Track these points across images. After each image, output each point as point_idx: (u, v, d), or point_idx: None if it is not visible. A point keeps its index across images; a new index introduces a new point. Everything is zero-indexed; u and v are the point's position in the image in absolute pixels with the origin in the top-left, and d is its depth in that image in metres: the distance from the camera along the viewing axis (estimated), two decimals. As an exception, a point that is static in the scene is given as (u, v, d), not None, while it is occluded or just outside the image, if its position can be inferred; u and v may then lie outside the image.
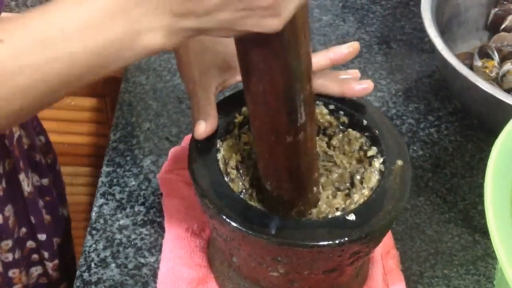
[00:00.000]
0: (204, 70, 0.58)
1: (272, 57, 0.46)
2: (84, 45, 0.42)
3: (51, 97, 0.44)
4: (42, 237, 0.81)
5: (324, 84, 0.59)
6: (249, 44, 0.46)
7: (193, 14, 0.41)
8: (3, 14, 0.60)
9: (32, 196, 0.77)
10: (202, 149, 0.55)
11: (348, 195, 0.59)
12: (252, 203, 0.57)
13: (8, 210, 0.74)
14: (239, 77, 0.59)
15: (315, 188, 0.57)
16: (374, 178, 0.56)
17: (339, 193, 0.60)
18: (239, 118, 0.59)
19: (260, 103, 0.50)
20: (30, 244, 0.81)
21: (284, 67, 0.47)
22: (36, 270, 0.84)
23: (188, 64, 0.58)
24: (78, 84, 0.44)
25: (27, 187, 0.76)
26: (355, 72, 0.61)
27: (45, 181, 0.82)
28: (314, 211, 0.58)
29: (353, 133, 0.60)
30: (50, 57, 0.41)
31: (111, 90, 1.01)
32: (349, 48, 0.59)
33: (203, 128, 0.56)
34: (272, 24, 0.42)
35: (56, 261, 0.85)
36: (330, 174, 0.61)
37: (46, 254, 0.83)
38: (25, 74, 0.41)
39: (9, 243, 0.75)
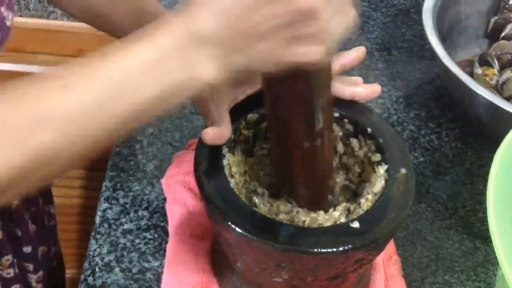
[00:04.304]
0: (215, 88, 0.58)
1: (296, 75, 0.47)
2: (146, 84, 0.43)
3: (106, 140, 0.45)
4: (27, 249, 0.78)
5: (335, 86, 0.60)
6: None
7: (244, 47, 0.44)
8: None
9: (19, 208, 0.75)
10: (208, 154, 0.56)
11: (355, 198, 0.60)
12: (256, 203, 0.58)
13: (1, 225, 0.72)
14: (249, 91, 0.60)
15: (330, 196, 0.58)
16: (378, 184, 0.56)
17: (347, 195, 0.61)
18: (244, 124, 0.60)
19: (279, 108, 0.51)
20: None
21: (305, 76, 0.48)
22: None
23: None
24: (133, 125, 0.45)
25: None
26: (358, 79, 0.62)
27: None
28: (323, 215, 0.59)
29: (354, 141, 0.61)
30: (113, 96, 0.43)
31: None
32: (357, 53, 0.62)
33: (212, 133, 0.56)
34: (317, 52, 0.44)
35: (40, 273, 0.82)
36: (339, 177, 0.62)
37: (30, 267, 0.80)
38: (89, 116, 0.43)
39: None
